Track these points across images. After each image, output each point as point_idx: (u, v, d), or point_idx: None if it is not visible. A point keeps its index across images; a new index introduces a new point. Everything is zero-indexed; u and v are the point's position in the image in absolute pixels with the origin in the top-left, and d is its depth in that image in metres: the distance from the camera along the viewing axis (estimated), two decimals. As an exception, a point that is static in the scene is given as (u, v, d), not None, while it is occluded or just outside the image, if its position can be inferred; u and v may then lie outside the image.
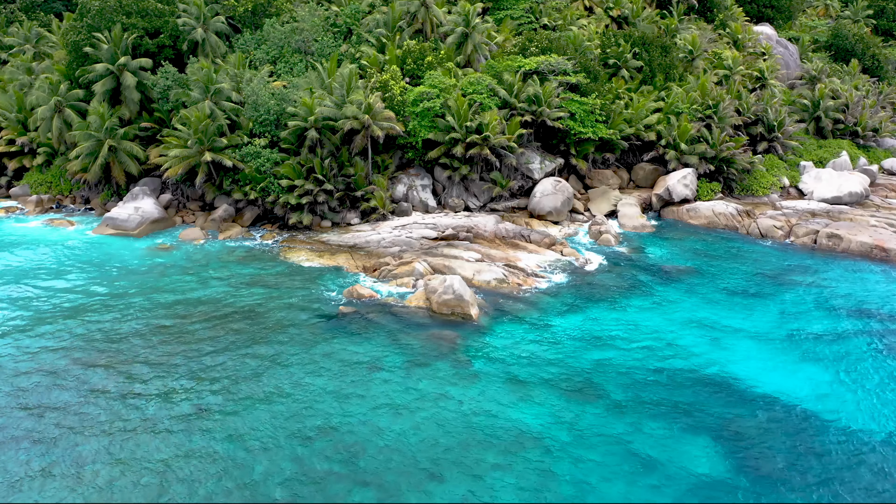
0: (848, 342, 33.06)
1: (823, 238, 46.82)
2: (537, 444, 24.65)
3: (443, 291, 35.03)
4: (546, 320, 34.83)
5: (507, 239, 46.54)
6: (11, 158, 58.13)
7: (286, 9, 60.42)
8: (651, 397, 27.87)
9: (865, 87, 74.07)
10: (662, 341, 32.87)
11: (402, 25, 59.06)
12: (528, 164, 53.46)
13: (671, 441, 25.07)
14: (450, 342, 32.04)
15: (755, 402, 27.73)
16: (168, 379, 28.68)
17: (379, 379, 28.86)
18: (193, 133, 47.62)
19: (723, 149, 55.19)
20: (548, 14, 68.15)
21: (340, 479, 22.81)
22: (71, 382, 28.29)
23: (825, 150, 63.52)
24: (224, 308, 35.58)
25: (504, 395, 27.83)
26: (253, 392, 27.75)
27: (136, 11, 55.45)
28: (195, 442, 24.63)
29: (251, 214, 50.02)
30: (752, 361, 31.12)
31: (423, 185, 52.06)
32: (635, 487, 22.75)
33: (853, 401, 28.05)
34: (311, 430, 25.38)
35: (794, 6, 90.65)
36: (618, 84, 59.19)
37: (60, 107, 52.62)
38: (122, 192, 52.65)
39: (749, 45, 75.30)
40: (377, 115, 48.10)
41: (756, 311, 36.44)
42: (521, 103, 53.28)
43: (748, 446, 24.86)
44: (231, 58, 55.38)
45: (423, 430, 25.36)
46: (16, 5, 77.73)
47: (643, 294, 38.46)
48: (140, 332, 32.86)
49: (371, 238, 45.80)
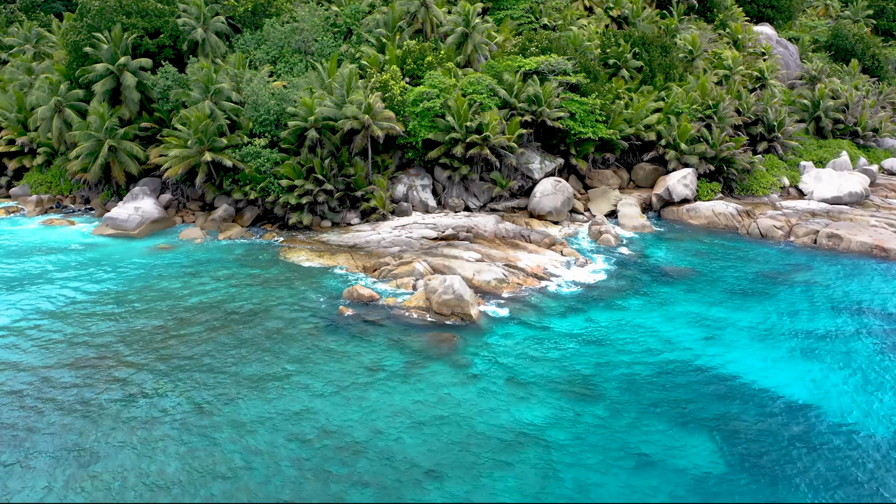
0: (848, 342, 33.08)
1: (823, 238, 46.83)
2: (537, 444, 24.65)
3: (443, 291, 35.02)
4: (546, 320, 34.84)
5: (507, 239, 46.53)
6: (11, 158, 58.21)
7: (286, 9, 60.44)
8: (651, 397, 27.88)
9: (865, 87, 74.11)
10: (662, 341, 32.88)
11: (402, 25, 59.08)
12: (528, 164, 53.46)
13: (671, 440, 25.08)
14: (450, 342, 32.05)
15: (755, 402, 27.74)
16: (167, 379, 28.69)
17: (378, 379, 28.87)
18: (193, 133, 47.63)
19: (723, 149, 55.19)
20: (548, 14, 68.19)
21: (340, 479, 22.81)
22: (68, 382, 28.29)
23: (825, 150, 63.54)
24: (224, 308, 35.60)
25: (504, 395, 27.83)
26: (252, 392, 27.76)
27: (136, 11, 55.47)
28: (194, 442, 24.62)
29: (251, 214, 50.03)
30: (752, 361, 31.13)
31: (423, 185, 52.06)
32: (635, 487, 22.74)
33: (853, 400, 28.06)
34: (310, 430, 25.38)
35: (794, 6, 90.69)
36: (618, 84, 59.20)
37: (60, 107, 52.65)
38: (122, 192, 52.69)
39: (749, 45, 75.34)
40: (377, 115, 48.10)
41: (756, 310, 36.45)
42: (521, 103, 53.27)
43: (748, 446, 24.87)
44: (231, 58, 55.40)
45: (422, 431, 25.36)
46: (16, 5, 77.77)
47: (643, 294, 38.48)
48: (139, 332, 32.86)
49: (371, 238, 45.80)
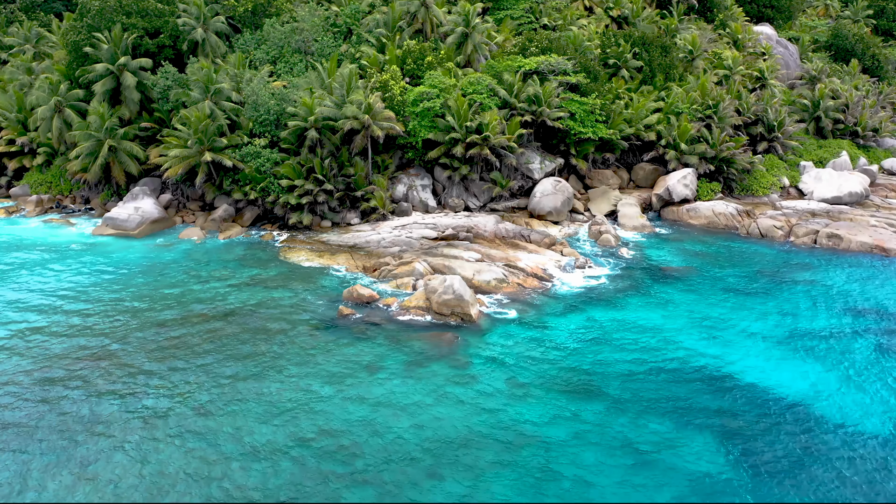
0: (848, 341, 33.07)
1: (823, 238, 46.82)
2: (537, 443, 24.64)
3: (443, 291, 35.01)
4: (546, 320, 34.84)
5: (507, 239, 46.53)
6: (11, 158, 58.24)
7: (286, 9, 60.45)
8: (650, 396, 27.87)
9: (865, 87, 74.12)
10: (662, 340, 32.87)
11: (402, 25, 59.08)
12: (528, 164, 53.46)
13: (671, 440, 25.07)
14: (449, 342, 32.05)
15: (755, 401, 27.73)
16: (166, 379, 28.69)
17: (378, 379, 28.87)
18: (193, 133, 47.63)
19: (723, 149, 55.19)
20: (548, 14, 68.20)
21: (340, 478, 22.80)
22: (67, 382, 28.28)
23: (825, 150, 63.55)
24: (224, 308, 35.59)
25: (504, 394, 27.84)
26: (252, 392, 27.75)
27: (136, 11, 55.48)
28: (194, 442, 24.62)
29: (251, 214, 50.03)
30: (752, 360, 31.12)
31: (423, 185, 52.06)
32: (635, 486, 22.73)
33: (853, 400, 28.05)
34: (310, 430, 25.37)
35: (794, 6, 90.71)
36: (618, 84, 59.20)
37: (60, 107, 52.65)
38: (122, 192, 52.71)
39: (749, 45, 75.35)
40: (377, 115, 48.10)
41: (756, 310, 36.45)
42: (521, 103, 53.27)
43: (748, 445, 24.86)
44: (231, 58, 55.41)
45: (422, 430, 25.36)
46: (16, 5, 77.80)
47: (643, 293, 38.48)
48: (139, 331, 32.86)
49: (371, 238, 45.80)
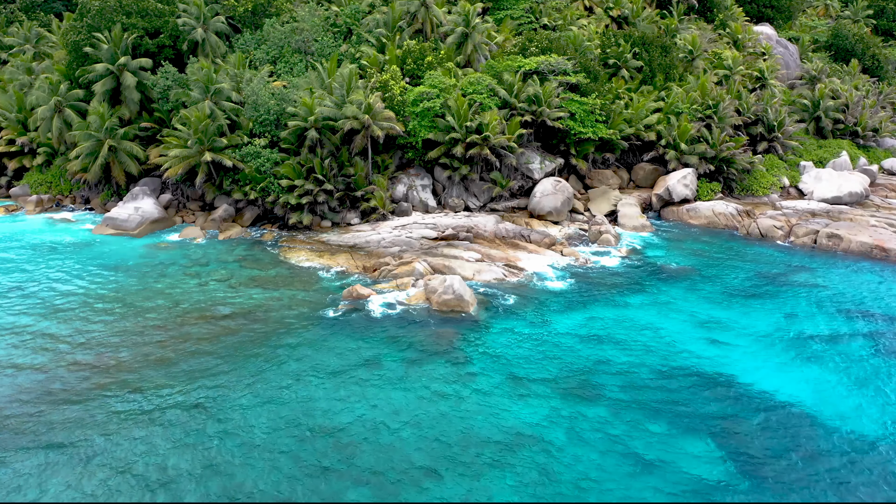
0: (848, 342, 33.05)
1: (823, 238, 46.81)
2: (536, 443, 24.64)
3: (443, 291, 35.02)
4: (546, 320, 34.83)
5: (507, 239, 46.53)
6: (11, 158, 58.26)
7: (286, 9, 60.45)
8: (650, 396, 27.87)
9: (865, 87, 74.12)
10: (661, 340, 32.86)
11: (402, 25, 59.08)
12: (528, 164, 53.46)
13: (670, 440, 25.07)
14: (449, 342, 32.05)
15: (754, 402, 27.72)
16: (166, 378, 28.69)
17: (378, 378, 28.87)
18: (193, 133, 47.64)
19: (723, 149, 55.19)
20: (548, 14, 68.20)
21: (339, 477, 22.81)
22: (67, 381, 28.29)
23: (825, 150, 63.54)
24: (223, 307, 35.60)
25: (503, 393, 27.84)
26: (252, 391, 27.76)
27: (136, 11, 55.49)
28: (194, 440, 24.63)
29: (251, 214, 50.03)
30: (752, 361, 31.10)
31: (423, 185, 52.06)
32: (634, 487, 22.72)
33: (853, 401, 28.03)
34: (309, 428, 25.38)
35: (794, 6, 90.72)
36: (618, 84, 59.20)
37: (60, 107, 52.67)
38: (122, 192, 52.72)
39: (749, 45, 75.36)
40: (377, 115, 48.11)
41: (755, 310, 36.44)
42: (521, 103, 53.27)
43: (747, 446, 24.85)
44: (231, 58, 55.41)
45: (422, 429, 25.36)
46: (16, 5, 77.82)
47: (642, 293, 38.47)
48: (139, 331, 32.87)
49: (371, 238, 45.80)
